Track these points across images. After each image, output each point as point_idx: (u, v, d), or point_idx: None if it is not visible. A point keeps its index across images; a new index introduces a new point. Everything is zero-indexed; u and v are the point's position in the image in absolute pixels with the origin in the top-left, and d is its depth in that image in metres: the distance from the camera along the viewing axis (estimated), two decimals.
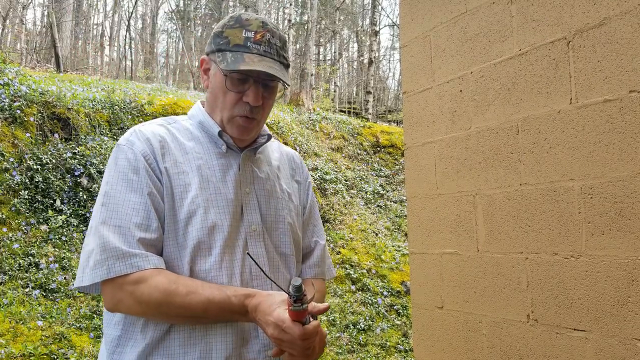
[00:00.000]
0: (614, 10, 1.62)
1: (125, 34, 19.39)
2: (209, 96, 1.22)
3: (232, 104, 1.17)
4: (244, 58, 1.12)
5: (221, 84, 1.16)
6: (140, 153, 1.13)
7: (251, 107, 1.16)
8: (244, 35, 1.14)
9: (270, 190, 1.27)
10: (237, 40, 1.14)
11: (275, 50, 1.18)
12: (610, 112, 1.62)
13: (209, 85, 1.21)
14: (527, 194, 1.88)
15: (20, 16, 15.44)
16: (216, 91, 1.19)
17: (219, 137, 1.21)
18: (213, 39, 1.19)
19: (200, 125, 1.24)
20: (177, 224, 1.12)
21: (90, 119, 5.66)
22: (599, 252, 1.64)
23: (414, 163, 2.43)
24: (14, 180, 4.58)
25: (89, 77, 8.92)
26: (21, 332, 3.53)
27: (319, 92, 17.38)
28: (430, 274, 2.31)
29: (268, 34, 1.17)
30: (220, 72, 1.16)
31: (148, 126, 1.20)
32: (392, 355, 4.72)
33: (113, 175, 1.13)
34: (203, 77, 1.24)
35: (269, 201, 1.25)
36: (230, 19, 1.20)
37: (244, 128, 1.19)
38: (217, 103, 1.19)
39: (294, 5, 19.79)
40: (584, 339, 1.68)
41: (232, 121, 1.18)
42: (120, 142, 1.17)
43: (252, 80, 1.15)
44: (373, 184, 7.73)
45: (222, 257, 1.12)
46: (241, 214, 1.19)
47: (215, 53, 1.17)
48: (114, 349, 1.12)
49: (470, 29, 2.13)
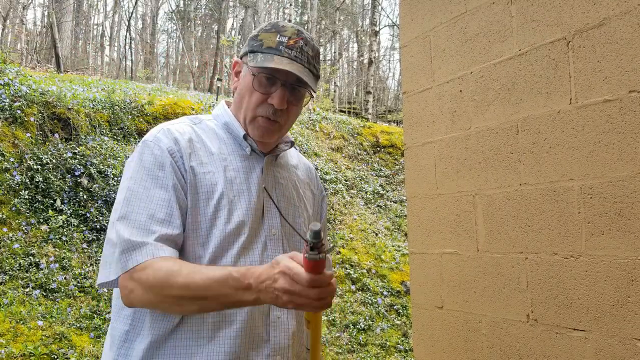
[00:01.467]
0: (613, 10, 1.62)
1: (125, 34, 19.39)
2: (236, 97, 1.23)
3: (256, 104, 1.17)
4: (274, 59, 1.13)
5: (249, 84, 1.17)
6: (167, 149, 1.13)
7: (275, 109, 1.16)
8: (277, 39, 1.15)
9: (289, 196, 1.28)
10: (270, 43, 1.15)
11: (306, 58, 1.18)
12: (610, 112, 1.62)
13: (238, 86, 1.22)
14: (526, 194, 1.88)
15: (20, 16, 15.44)
16: (243, 91, 1.19)
17: (243, 140, 1.22)
18: (248, 42, 1.20)
19: (226, 126, 1.24)
20: (200, 222, 1.12)
21: (91, 119, 5.66)
22: (599, 252, 1.64)
23: (414, 163, 2.43)
24: (15, 180, 4.59)
25: (89, 77, 8.93)
26: (21, 332, 3.54)
27: (319, 92, 17.38)
28: (430, 274, 2.31)
29: (302, 41, 1.18)
30: (250, 73, 1.16)
31: (176, 125, 1.20)
32: (392, 355, 4.73)
33: (138, 170, 1.12)
34: (234, 79, 1.25)
35: (288, 207, 1.26)
36: (268, 24, 1.21)
37: (265, 129, 1.19)
38: (243, 103, 1.20)
39: (293, 5, 19.79)
40: (584, 339, 1.68)
41: (254, 121, 1.19)
42: (147, 138, 1.17)
43: (280, 83, 1.15)
44: (373, 184, 7.73)
45: (240, 257, 1.13)
46: (262, 217, 1.19)
47: (247, 55, 1.18)
48: (122, 344, 1.11)
49: (470, 29, 2.13)
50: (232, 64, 1.25)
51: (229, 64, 16.41)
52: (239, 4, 23.01)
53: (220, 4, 21.79)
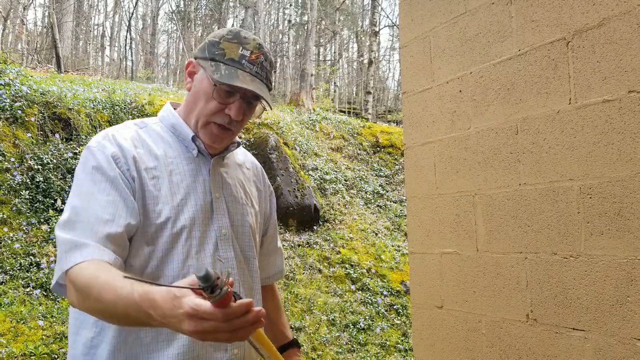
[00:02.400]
0: (613, 10, 1.62)
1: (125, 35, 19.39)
2: (190, 99, 1.24)
3: (212, 112, 1.19)
4: (238, 75, 1.16)
5: (207, 91, 1.18)
6: (111, 155, 1.14)
7: (231, 119, 1.20)
8: (240, 52, 1.18)
9: (237, 195, 1.31)
10: (232, 55, 1.18)
11: (265, 74, 1.22)
12: (609, 112, 1.63)
13: (192, 88, 1.23)
14: (526, 194, 1.89)
15: (21, 17, 15.45)
16: (198, 96, 1.21)
17: (191, 141, 1.23)
18: (208, 46, 1.21)
19: (172, 128, 1.25)
20: (148, 227, 1.13)
21: (91, 119, 5.67)
22: (598, 252, 1.65)
23: (414, 163, 2.44)
24: (15, 180, 4.59)
25: (89, 77, 8.93)
26: (22, 331, 3.54)
27: (319, 92, 17.38)
28: (430, 274, 2.32)
29: (262, 56, 1.21)
30: (209, 80, 1.18)
31: (121, 130, 1.22)
32: (392, 355, 4.73)
33: (83, 175, 1.14)
34: (187, 79, 1.26)
35: (236, 206, 1.29)
36: (229, 32, 1.22)
37: (217, 137, 1.22)
38: (197, 107, 1.21)
39: (294, 5, 19.79)
40: (583, 339, 1.68)
41: (207, 127, 1.21)
42: (91, 144, 1.18)
43: (239, 96, 1.19)
44: (373, 184, 7.74)
45: (188, 261, 1.15)
46: (211, 218, 1.22)
47: (207, 60, 1.19)
48: (87, 350, 1.12)
49: (470, 29, 2.13)
50: (186, 64, 1.26)
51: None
52: (239, 4, 23.01)
53: (221, 4, 21.79)
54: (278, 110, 8.80)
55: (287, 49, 20.45)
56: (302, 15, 22.01)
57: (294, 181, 6.52)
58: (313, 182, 7.03)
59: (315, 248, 6.04)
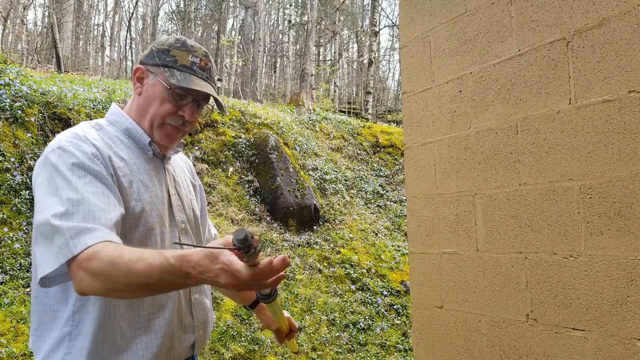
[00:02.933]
0: (613, 10, 1.62)
1: (125, 35, 19.39)
2: (142, 103, 1.31)
3: (166, 114, 1.28)
4: (192, 79, 1.26)
5: (161, 94, 1.27)
6: (92, 154, 1.18)
7: (184, 120, 1.30)
8: (190, 59, 1.29)
9: (185, 191, 1.43)
10: (184, 61, 1.28)
11: (213, 78, 1.34)
12: (609, 112, 1.63)
13: (142, 92, 1.30)
14: (526, 194, 1.89)
15: (21, 17, 15.45)
16: (151, 99, 1.29)
17: (148, 145, 1.32)
18: (157, 54, 1.29)
19: (127, 131, 1.32)
20: (124, 221, 1.18)
21: (91, 119, 5.67)
22: (598, 252, 1.65)
23: (414, 163, 2.44)
24: (15, 180, 4.59)
25: (89, 77, 8.94)
26: (22, 331, 3.54)
27: (319, 92, 17.38)
28: (430, 274, 2.32)
29: (210, 63, 1.33)
30: (161, 84, 1.27)
31: (86, 130, 1.25)
32: (392, 355, 4.73)
33: (67, 173, 1.13)
34: (136, 84, 1.32)
35: (187, 201, 1.41)
36: (177, 41, 1.31)
37: (172, 136, 1.32)
38: (150, 110, 1.29)
39: (294, 5, 19.79)
40: (583, 339, 1.68)
41: (161, 127, 1.30)
42: (63, 144, 1.17)
43: (192, 98, 1.29)
44: (373, 184, 7.74)
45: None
46: (172, 214, 1.33)
47: (159, 67, 1.28)
48: (62, 343, 1.15)
49: (470, 29, 2.13)
50: (133, 70, 1.33)
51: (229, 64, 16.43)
52: (239, 4, 23.01)
53: (221, 4, 21.80)
54: (278, 110, 8.80)
55: (287, 49, 20.45)
56: (302, 15, 22.00)
57: (294, 181, 6.52)
58: (313, 182, 7.03)
59: (315, 248, 6.04)
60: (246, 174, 6.61)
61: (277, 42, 24.30)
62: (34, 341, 1.21)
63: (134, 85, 1.33)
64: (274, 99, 17.96)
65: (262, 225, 6.03)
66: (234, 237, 0.93)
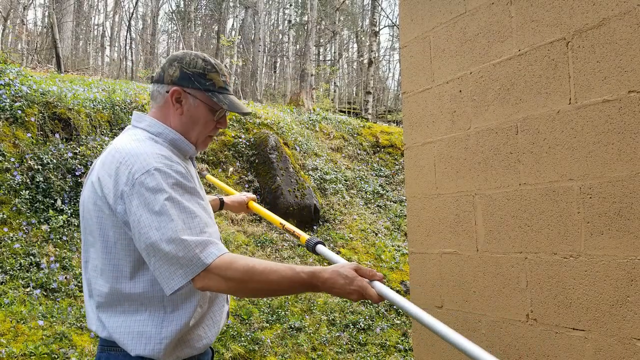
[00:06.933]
0: (613, 10, 1.63)
1: (125, 35, 19.40)
2: (186, 121, 1.46)
3: (210, 130, 1.49)
4: (232, 100, 1.46)
5: (206, 116, 1.45)
6: (182, 172, 1.34)
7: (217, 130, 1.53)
8: (222, 79, 1.46)
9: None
10: (220, 83, 1.45)
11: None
12: (609, 112, 1.63)
13: (184, 112, 1.44)
14: (526, 194, 1.89)
15: (21, 17, 15.46)
16: (196, 119, 1.45)
17: (194, 153, 1.50)
18: (194, 77, 1.42)
19: (172, 142, 1.44)
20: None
21: (91, 119, 5.67)
22: (598, 252, 1.65)
23: (414, 163, 2.44)
24: (15, 180, 4.59)
25: (89, 77, 8.94)
26: (22, 331, 3.54)
27: (319, 92, 17.37)
28: (430, 274, 2.32)
29: (229, 76, 1.55)
30: (205, 106, 1.44)
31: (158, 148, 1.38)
32: (392, 355, 4.73)
33: (173, 193, 1.27)
34: (175, 105, 1.44)
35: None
36: (206, 63, 1.45)
37: (208, 143, 1.55)
38: (196, 128, 1.46)
39: (293, 5, 19.80)
40: (583, 339, 1.68)
41: (205, 141, 1.51)
42: (157, 166, 1.30)
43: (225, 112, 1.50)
44: (373, 184, 7.74)
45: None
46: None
47: (201, 91, 1.43)
48: (160, 323, 1.33)
49: (470, 29, 2.13)
50: (170, 91, 1.43)
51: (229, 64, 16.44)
52: (239, 4, 23.01)
53: (221, 4, 21.80)
54: (278, 110, 8.80)
55: (287, 49, 20.45)
56: (302, 15, 21.98)
57: (294, 181, 6.52)
58: (313, 182, 7.03)
59: None
60: (246, 174, 6.61)
61: (277, 42, 24.30)
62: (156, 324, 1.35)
63: (173, 105, 1.44)
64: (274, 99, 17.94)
65: (262, 225, 6.02)
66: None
